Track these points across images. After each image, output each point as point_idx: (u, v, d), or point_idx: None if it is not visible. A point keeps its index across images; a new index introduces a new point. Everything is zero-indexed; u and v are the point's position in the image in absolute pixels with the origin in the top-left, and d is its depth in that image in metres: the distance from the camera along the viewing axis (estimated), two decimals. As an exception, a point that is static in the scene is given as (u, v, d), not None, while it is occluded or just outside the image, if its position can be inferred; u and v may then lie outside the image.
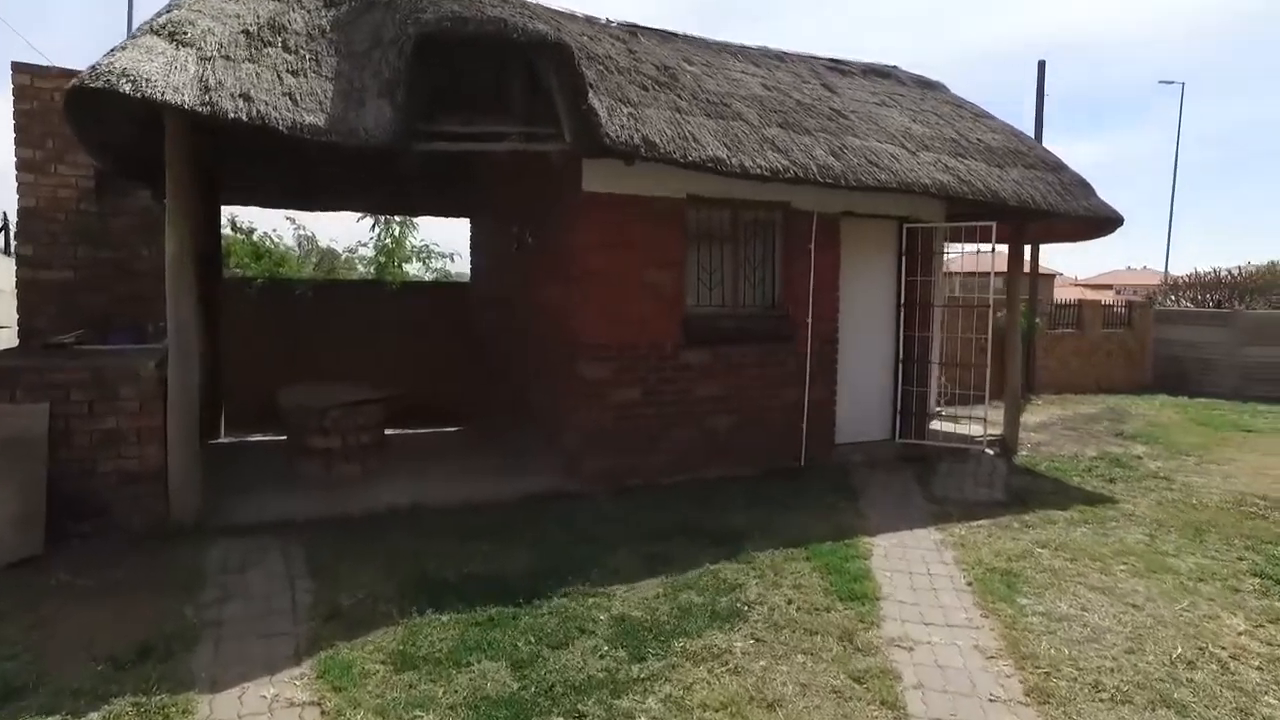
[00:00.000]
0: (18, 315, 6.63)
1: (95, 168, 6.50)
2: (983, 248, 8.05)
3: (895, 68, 9.58)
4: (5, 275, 8.30)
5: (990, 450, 8.56)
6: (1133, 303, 18.01)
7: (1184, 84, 44.88)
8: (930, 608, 4.42)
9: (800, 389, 7.73)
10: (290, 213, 12.18)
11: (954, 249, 8.69)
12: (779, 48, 8.83)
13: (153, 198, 6.67)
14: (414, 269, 13.62)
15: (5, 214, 10.47)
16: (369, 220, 12.78)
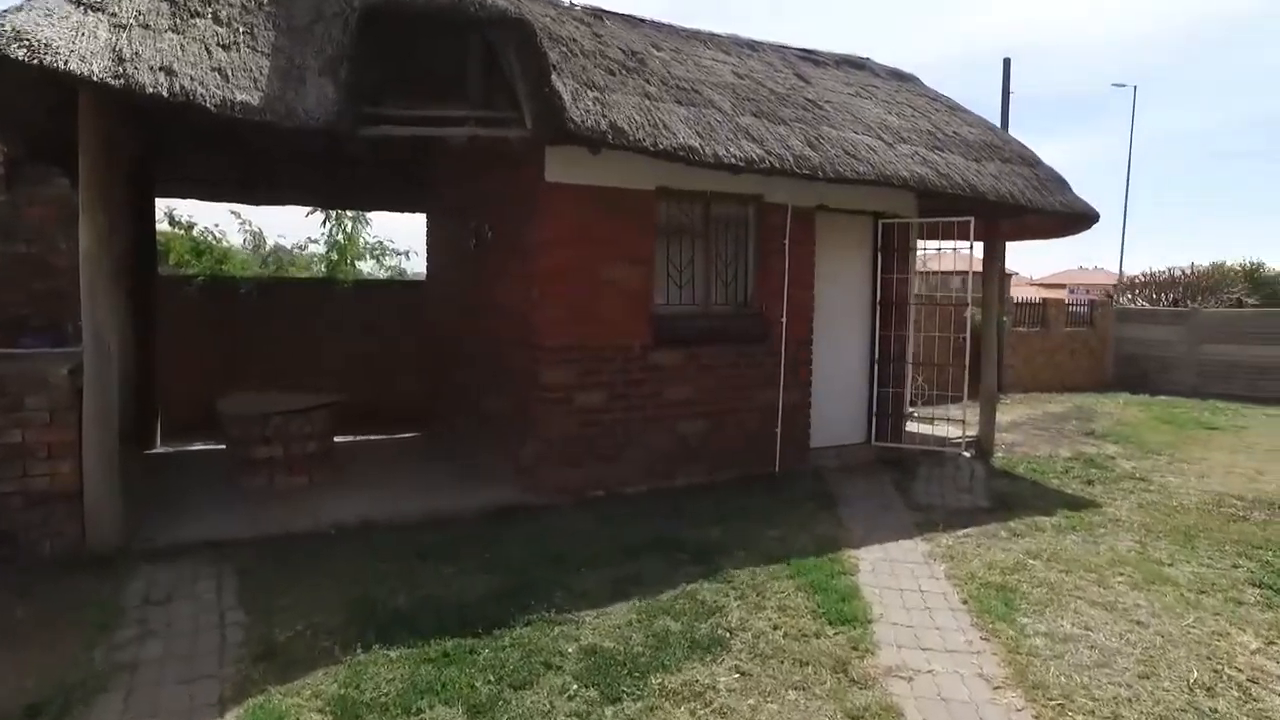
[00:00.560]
0: (-83, 316, 5.98)
1: (3, 152, 5.90)
2: (960, 245, 7.81)
3: (868, 60, 9.30)
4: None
5: (967, 452, 8.34)
6: (1095, 302, 18.12)
7: (1136, 87, 45.78)
8: (926, 630, 4.09)
9: (774, 391, 7.39)
10: (235, 207, 11.49)
11: (930, 246, 8.42)
12: (749, 37, 8.48)
13: (72, 185, 6.08)
14: (368, 267, 12.94)
15: None
16: (320, 215, 12.12)
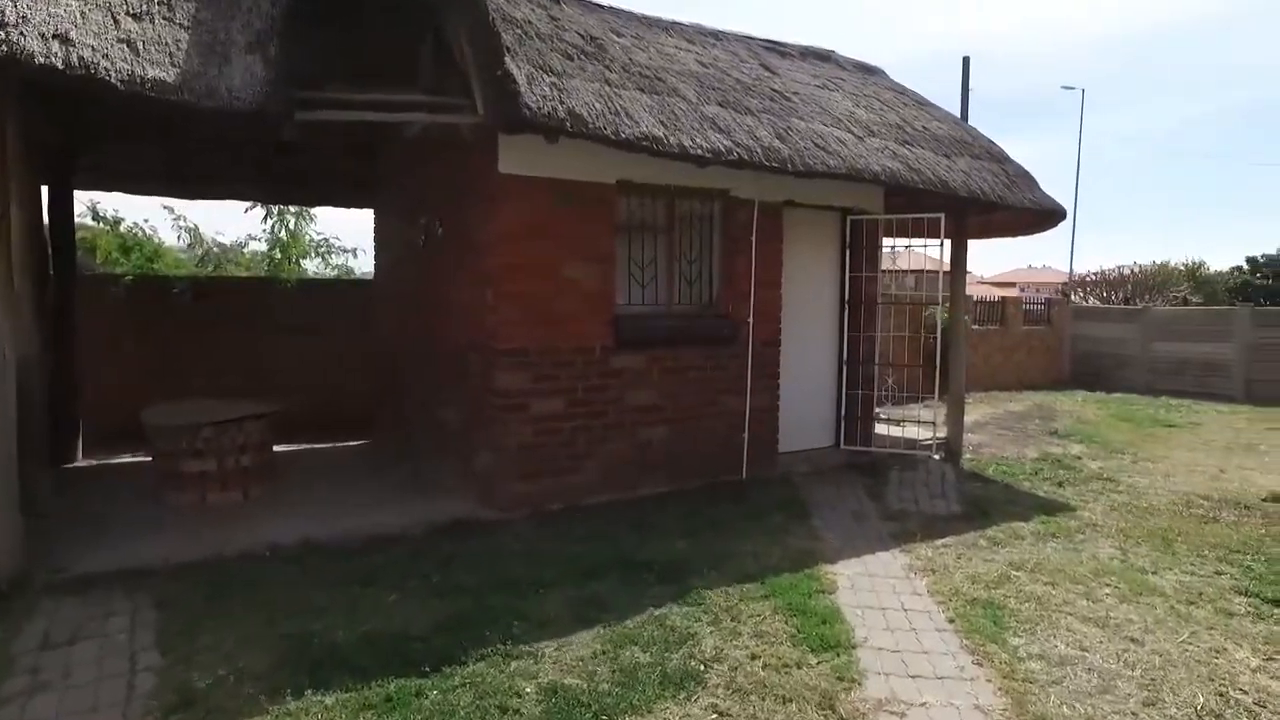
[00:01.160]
0: None
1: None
2: (930, 242, 7.60)
3: (833, 52, 9.05)
4: None
5: (937, 455, 8.14)
6: (1052, 300, 18.26)
7: (1084, 90, 46.76)
8: (914, 655, 3.80)
9: (741, 395, 7.08)
10: (169, 201, 10.81)
11: (900, 243, 8.21)
12: (713, 26, 8.16)
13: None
14: (312, 265, 12.33)
15: None
16: (260, 211, 11.48)
